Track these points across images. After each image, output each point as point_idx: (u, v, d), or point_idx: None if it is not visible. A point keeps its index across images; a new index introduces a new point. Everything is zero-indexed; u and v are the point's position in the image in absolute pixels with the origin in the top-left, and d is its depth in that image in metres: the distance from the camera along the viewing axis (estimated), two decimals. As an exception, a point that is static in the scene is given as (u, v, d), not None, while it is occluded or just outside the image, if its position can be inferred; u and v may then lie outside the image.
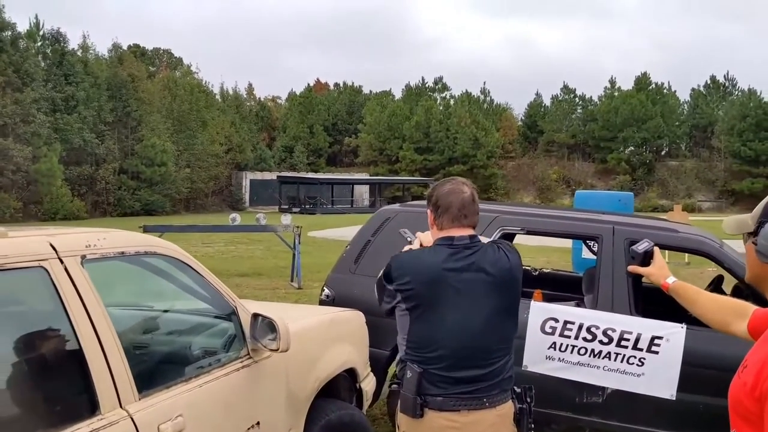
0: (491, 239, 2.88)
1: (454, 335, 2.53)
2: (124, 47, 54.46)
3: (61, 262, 2.13)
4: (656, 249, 2.45)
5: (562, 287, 6.06)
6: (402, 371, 2.61)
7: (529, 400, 2.70)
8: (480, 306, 2.55)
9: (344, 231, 23.51)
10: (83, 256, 2.23)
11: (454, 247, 2.58)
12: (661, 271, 2.38)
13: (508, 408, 2.62)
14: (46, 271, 2.08)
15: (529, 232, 4.98)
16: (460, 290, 2.54)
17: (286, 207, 45.61)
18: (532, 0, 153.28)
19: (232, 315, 2.93)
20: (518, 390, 2.69)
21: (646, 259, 2.42)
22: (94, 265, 2.26)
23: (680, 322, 4.08)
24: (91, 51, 48.07)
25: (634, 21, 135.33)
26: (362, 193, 54.95)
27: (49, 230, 2.28)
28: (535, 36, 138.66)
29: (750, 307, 2.06)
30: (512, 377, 2.66)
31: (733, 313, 2.08)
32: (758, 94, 57.74)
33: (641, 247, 2.43)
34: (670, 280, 2.32)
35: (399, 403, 2.63)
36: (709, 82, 64.10)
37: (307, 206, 47.01)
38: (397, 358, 2.68)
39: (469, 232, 2.64)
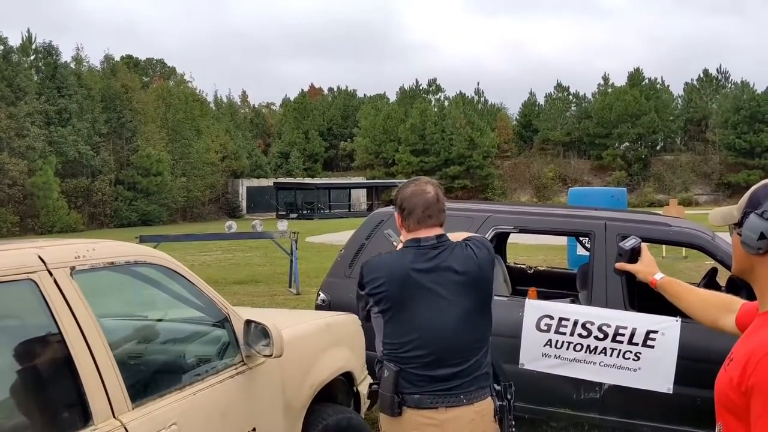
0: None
1: (428, 334, 2.55)
2: (117, 58, 54.50)
3: (51, 274, 2.13)
4: (644, 246, 2.44)
5: (557, 284, 6.07)
6: (380, 371, 2.63)
7: (509, 397, 2.69)
8: (451, 304, 2.58)
9: (342, 235, 23.49)
10: (72, 268, 2.23)
11: (421, 248, 2.62)
12: (648, 268, 2.36)
13: (486, 404, 2.61)
14: (36, 283, 2.08)
15: (522, 231, 5.00)
16: (431, 290, 2.57)
17: (284, 213, 45.56)
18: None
19: (225, 322, 2.93)
20: (498, 387, 2.69)
21: (634, 255, 2.40)
22: (83, 276, 2.26)
23: (674, 315, 4.09)
24: (84, 63, 48.14)
25: (625, 17, 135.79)
26: (359, 196, 54.94)
27: (37, 242, 2.28)
28: (527, 35, 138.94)
29: (737, 302, 2.06)
30: (489, 373, 2.67)
31: (721, 309, 2.08)
32: (751, 86, 57.91)
33: (628, 243, 2.42)
34: (658, 276, 2.31)
35: (378, 402, 2.65)
36: (702, 75, 64.19)
37: (305, 212, 46.97)
38: (377, 366, 2.70)
39: (436, 231, 2.67)
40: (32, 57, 43.51)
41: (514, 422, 2.70)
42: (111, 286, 2.79)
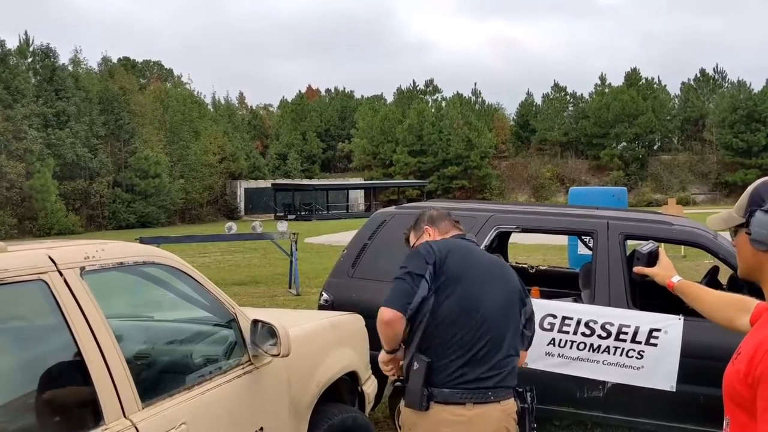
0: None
1: (485, 307, 2.61)
2: (114, 60, 54.48)
3: (61, 274, 2.14)
4: (661, 250, 2.51)
5: (559, 284, 6.08)
6: (409, 364, 2.61)
7: (530, 400, 2.72)
8: (497, 296, 2.66)
9: (341, 236, 23.51)
10: (82, 268, 2.24)
11: (467, 239, 2.82)
12: (666, 271, 2.43)
13: (511, 405, 2.64)
14: (46, 284, 2.09)
15: (524, 230, 5.01)
16: (483, 276, 2.66)
17: (282, 214, 45.52)
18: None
19: (232, 322, 2.94)
20: (519, 389, 2.72)
21: (651, 259, 2.49)
22: (93, 277, 2.27)
23: (677, 313, 4.10)
24: (82, 65, 48.10)
25: (622, 16, 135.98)
26: (357, 197, 54.91)
27: (47, 243, 2.29)
28: (524, 35, 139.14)
29: (752, 302, 2.08)
30: (515, 375, 2.70)
31: (737, 309, 2.10)
32: (748, 85, 57.99)
33: (646, 248, 2.51)
34: (676, 279, 2.37)
35: (403, 398, 2.64)
36: (699, 75, 64.26)
37: (303, 213, 46.95)
38: (406, 360, 2.68)
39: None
40: (30, 59, 43.46)
41: (535, 425, 2.73)
42: (120, 286, 2.80)
